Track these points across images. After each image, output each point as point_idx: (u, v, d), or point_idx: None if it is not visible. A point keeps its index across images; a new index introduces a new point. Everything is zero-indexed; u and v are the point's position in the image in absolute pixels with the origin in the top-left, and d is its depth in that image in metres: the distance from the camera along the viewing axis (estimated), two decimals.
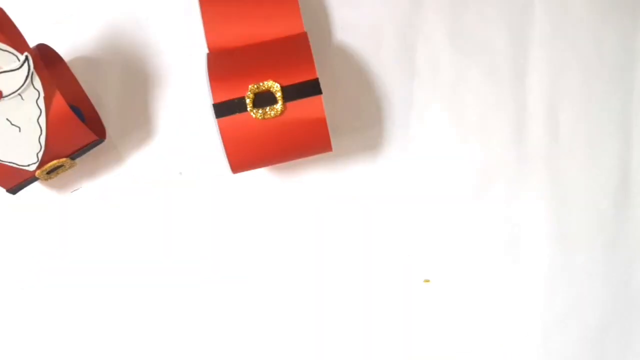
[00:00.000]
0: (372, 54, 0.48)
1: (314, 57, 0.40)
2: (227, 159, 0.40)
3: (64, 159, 0.42)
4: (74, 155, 0.43)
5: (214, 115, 0.39)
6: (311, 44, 0.40)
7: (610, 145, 0.48)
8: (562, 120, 0.48)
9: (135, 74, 0.48)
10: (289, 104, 0.39)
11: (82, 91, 0.47)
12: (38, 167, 0.41)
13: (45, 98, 0.39)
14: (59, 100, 0.39)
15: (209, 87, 0.39)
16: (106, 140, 0.47)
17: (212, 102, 0.39)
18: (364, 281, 0.47)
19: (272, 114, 0.38)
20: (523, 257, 0.47)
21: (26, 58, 0.38)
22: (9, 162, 0.40)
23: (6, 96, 0.39)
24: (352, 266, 0.47)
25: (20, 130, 0.40)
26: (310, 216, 0.48)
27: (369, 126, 0.48)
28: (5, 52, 0.38)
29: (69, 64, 0.47)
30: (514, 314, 0.47)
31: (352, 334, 0.47)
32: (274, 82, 0.38)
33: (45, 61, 0.44)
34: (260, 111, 0.38)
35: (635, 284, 0.47)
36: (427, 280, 0.47)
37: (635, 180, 0.48)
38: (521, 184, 0.47)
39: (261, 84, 0.38)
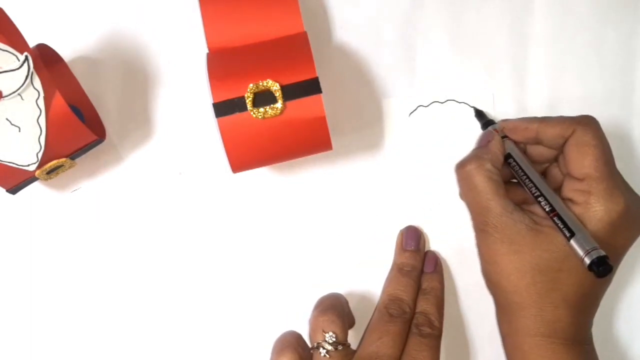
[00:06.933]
0: (372, 54, 0.48)
1: (314, 56, 0.40)
2: (227, 159, 0.40)
3: (63, 159, 0.42)
4: (73, 155, 0.43)
5: (214, 115, 0.39)
6: (311, 43, 0.40)
7: (610, 145, 0.48)
8: None
9: (135, 74, 0.48)
10: (289, 103, 0.39)
11: (82, 91, 0.47)
12: (38, 167, 0.41)
13: (45, 98, 0.39)
14: (58, 100, 0.39)
15: (209, 87, 0.39)
16: (106, 140, 0.47)
17: (212, 102, 0.39)
18: (365, 280, 0.47)
19: (272, 113, 0.38)
20: None
21: (26, 58, 0.38)
22: (9, 162, 0.40)
23: (6, 96, 0.39)
24: (352, 265, 0.47)
25: (20, 130, 0.40)
26: (311, 215, 0.48)
27: (369, 125, 0.48)
28: (5, 52, 0.38)
29: (69, 64, 0.47)
30: None
31: (352, 333, 0.47)
32: (273, 82, 0.38)
33: (45, 61, 0.44)
34: (260, 110, 0.38)
35: (636, 284, 0.47)
36: None
37: (636, 181, 0.48)
38: None
39: (261, 83, 0.38)
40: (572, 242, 0.39)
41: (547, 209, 0.41)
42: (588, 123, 0.42)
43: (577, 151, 0.41)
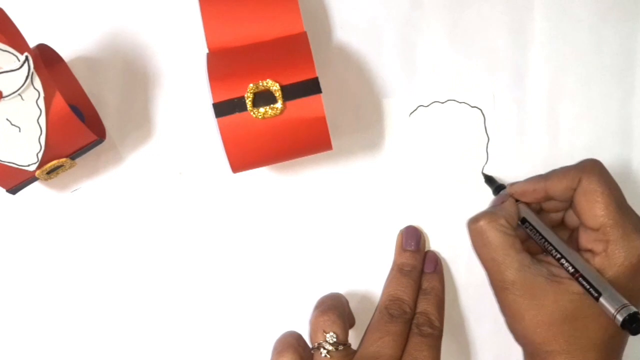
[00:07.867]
0: (372, 54, 0.48)
1: (314, 56, 0.40)
2: (227, 159, 0.40)
3: (64, 159, 0.42)
4: (74, 155, 0.43)
5: (214, 115, 0.39)
6: (311, 43, 0.40)
7: (610, 145, 0.48)
8: (562, 120, 0.48)
9: (135, 74, 0.48)
10: (289, 103, 0.39)
11: (82, 91, 0.47)
12: (38, 167, 0.41)
13: (45, 98, 0.39)
14: (59, 100, 0.39)
15: (209, 87, 0.39)
16: (106, 140, 0.47)
17: (212, 102, 0.39)
18: (365, 280, 0.47)
19: (272, 113, 0.38)
20: None
21: (26, 58, 0.38)
22: (9, 162, 0.40)
23: (6, 96, 0.39)
24: (352, 265, 0.47)
25: (20, 131, 0.40)
26: (311, 215, 0.48)
27: (369, 125, 0.48)
28: (5, 52, 0.38)
29: (69, 64, 0.47)
30: None
31: (353, 333, 0.47)
32: (273, 82, 0.38)
33: (45, 61, 0.44)
34: (260, 110, 0.38)
35: None
36: None
37: (635, 182, 0.48)
38: None
39: (261, 83, 0.38)
40: (601, 301, 0.39)
41: (570, 271, 0.41)
42: (592, 169, 0.41)
43: (586, 201, 0.41)
